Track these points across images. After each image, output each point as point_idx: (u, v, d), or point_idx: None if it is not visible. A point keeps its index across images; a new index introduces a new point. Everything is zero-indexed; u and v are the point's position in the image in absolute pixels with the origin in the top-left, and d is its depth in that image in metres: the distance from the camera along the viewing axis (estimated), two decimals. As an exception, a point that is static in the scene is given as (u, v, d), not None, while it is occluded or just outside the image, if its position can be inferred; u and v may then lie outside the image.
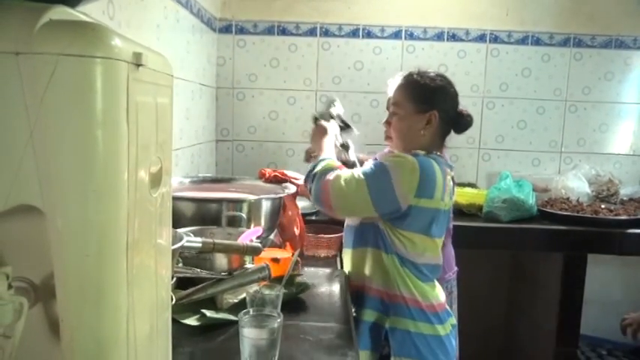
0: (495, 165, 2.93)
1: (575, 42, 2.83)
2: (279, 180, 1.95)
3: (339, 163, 1.55)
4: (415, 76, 1.56)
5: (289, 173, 1.99)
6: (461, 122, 1.60)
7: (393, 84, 1.65)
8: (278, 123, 2.86)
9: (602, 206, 2.45)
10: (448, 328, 1.53)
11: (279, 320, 1.04)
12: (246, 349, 1.02)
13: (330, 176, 1.45)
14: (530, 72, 2.85)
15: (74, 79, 0.51)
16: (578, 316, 2.35)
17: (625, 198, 2.67)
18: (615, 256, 2.60)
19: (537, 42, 2.83)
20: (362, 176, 1.42)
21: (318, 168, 1.50)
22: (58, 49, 0.50)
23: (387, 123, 1.61)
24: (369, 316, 1.49)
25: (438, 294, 1.54)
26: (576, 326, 2.36)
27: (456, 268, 1.93)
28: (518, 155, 2.93)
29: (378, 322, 1.50)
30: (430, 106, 1.52)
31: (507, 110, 2.89)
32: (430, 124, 1.53)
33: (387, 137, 1.63)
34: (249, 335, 1.03)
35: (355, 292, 1.54)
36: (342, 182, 1.42)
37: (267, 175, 1.97)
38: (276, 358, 1.03)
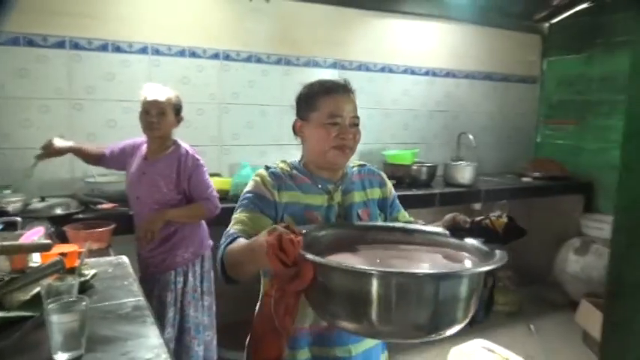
0: (234, 157, 3.58)
1: (285, 61, 3.68)
2: None
3: None
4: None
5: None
6: None
7: (151, 90, 2.32)
8: (32, 131, 2.94)
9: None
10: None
11: (84, 303, 1.07)
12: (56, 335, 1.02)
13: None
14: (254, 83, 3.61)
15: None
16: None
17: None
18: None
19: (259, 60, 3.59)
20: None
21: None
22: None
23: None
24: None
25: None
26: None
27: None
28: (251, 149, 3.65)
29: None
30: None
31: (240, 113, 3.58)
32: None
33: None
34: (60, 321, 1.02)
35: None
36: None
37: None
38: (84, 338, 1.06)
